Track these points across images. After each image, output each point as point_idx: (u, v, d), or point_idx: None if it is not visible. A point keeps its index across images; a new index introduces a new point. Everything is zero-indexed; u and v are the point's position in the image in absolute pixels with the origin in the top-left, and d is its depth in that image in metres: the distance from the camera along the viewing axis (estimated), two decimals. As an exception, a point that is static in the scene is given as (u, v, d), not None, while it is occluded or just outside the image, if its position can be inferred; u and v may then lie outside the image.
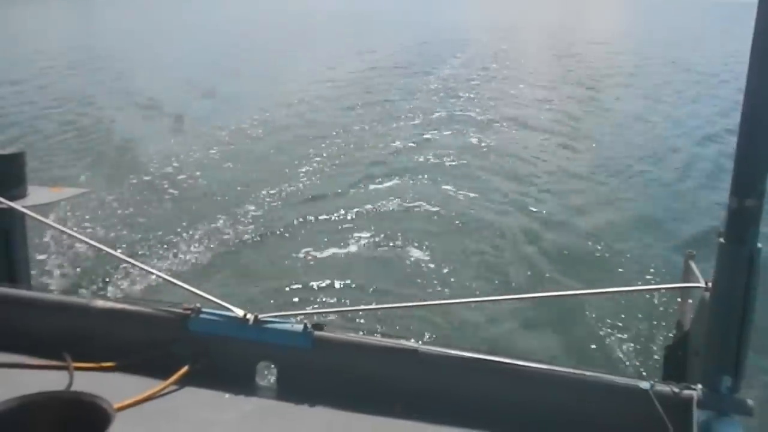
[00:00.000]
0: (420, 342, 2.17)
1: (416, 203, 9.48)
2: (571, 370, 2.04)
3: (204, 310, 2.25)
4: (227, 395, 2.12)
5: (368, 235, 8.30)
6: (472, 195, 9.95)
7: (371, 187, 10.24)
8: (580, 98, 18.30)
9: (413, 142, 12.87)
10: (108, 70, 20.58)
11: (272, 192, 9.79)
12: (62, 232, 2.84)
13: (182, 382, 2.13)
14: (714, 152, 12.49)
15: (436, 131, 13.91)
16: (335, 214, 8.98)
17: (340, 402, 2.06)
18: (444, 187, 10.27)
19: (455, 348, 2.14)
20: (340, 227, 8.54)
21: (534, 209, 9.53)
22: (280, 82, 19.87)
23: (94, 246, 2.82)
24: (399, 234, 8.30)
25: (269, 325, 2.20)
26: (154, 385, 2.06)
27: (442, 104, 16.77)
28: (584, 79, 21.47)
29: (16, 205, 2.85)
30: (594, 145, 13.37)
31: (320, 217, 8.89)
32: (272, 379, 2.23)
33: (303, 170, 10.88)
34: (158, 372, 2.12)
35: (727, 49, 22.26)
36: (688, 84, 20.65)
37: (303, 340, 2.16)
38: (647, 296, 6.29)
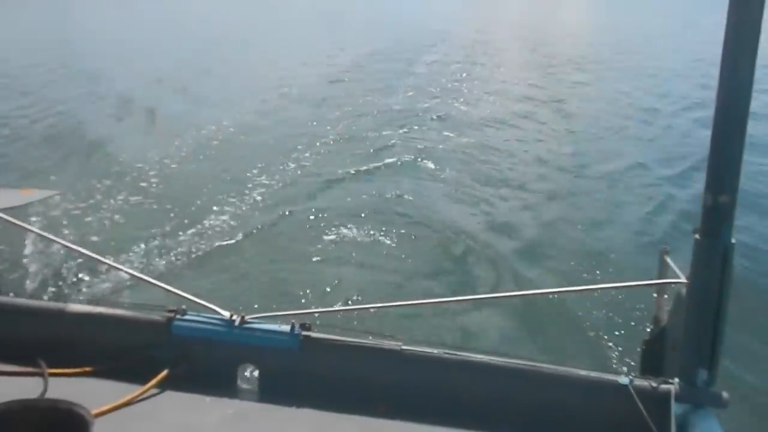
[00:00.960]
0: (404, 342, 2.16)
1: (401, 202, 9.48)
2: (551, 366, 2.06)
3: (189, 312, 2.23)
4: (211, 398, 2.10)
5: (355, 233, 8.25)
6: (451, 193, 9.99)
7: (356, 185, 10.20)
8: (552, 92, 18.42)
9: (397, 139, 12.84)
10: (77, 66, 20.00)
11: (256, 190, 9.70)
12: (39, 235, 2.78)
13: (164, 386, 2.10)
14: (689, 147, 12.66)
15: (416, 127, 13.92)
16: (321, 213, 8.90)
17: (326, 403, 2.05)
18: (426, 186, 10.27)
19: (438, 346, 2.15)
20: (326, 226, 8.47)
21: (509, 207, 9.57)
22: (258, 77, 19.76)
23: (73, 249, 2.76)
24: (386, 233, 8.26)
25: (256, 326, 2.19)
26: (134, 390, 2.04)
27: (420, 99, 16.78)
28: (557, 72, 21.65)
29: None
30: (567, 140, 13.47)
31: (306, 216, 8.80)
32: (258, 380, 2.21)
33: (286, 168, 10.80)
34: (139, 376, 2.09)
35: (704, 41, 22.58)
36: (662, 78, 20.88)
37: (290, 341, 2.15)
38: (624, 292, 6.35)
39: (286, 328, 2.17)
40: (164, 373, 2.11)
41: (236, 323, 2.18)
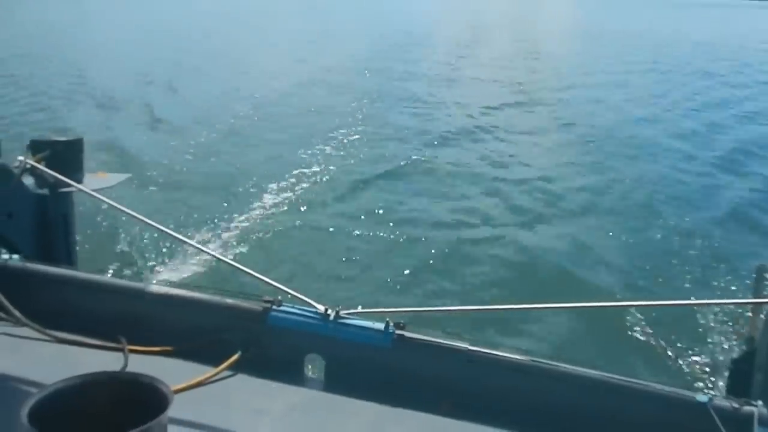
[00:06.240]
0: (470, 343, 2.14)
1: (497, 200, 9.42)
2: (627, 378, 1.99)
3: (284, 303, 2.27)
4: (280, 384, 2.15)
5: (460, 231, 8.20)
6: (531, 203, 9.74)
7: (445, 188, 10.09)
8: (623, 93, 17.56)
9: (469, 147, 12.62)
10: (63, 64, 19.51)
11: (359, 185, 9.73)
12: (126, 216, 2.90)
13: (243, 370, 2.16)
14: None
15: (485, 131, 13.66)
16: (426, 207, 8.90)
17: (392, 399, 2.06)
18: (502, 193, 10.04)
19: (507, 350, 2.12)
20: (429, 222, 8.43)
21: (607, 218, 9.21)
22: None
23: (164, 232, 2.87)
24: (489, 232, 8.22)
25: (350, 322, 2.21)
26: (209, 371, 2.12)
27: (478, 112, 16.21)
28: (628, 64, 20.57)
29: (83, 188, 2.93)
30: (659, 150, 12.88)
31: (409, 212, 8.79)
32: (325, 372, 2.24)
33: (373, 167, 10.74)
34: (215, 359, 2.16)
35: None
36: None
37: (382, 339, 2.16)
38: (717, 309, 6.02)
39: (380, 326, 2.18)
40: (236, 356, 2.17)
41: (331, 317, 2.20)
